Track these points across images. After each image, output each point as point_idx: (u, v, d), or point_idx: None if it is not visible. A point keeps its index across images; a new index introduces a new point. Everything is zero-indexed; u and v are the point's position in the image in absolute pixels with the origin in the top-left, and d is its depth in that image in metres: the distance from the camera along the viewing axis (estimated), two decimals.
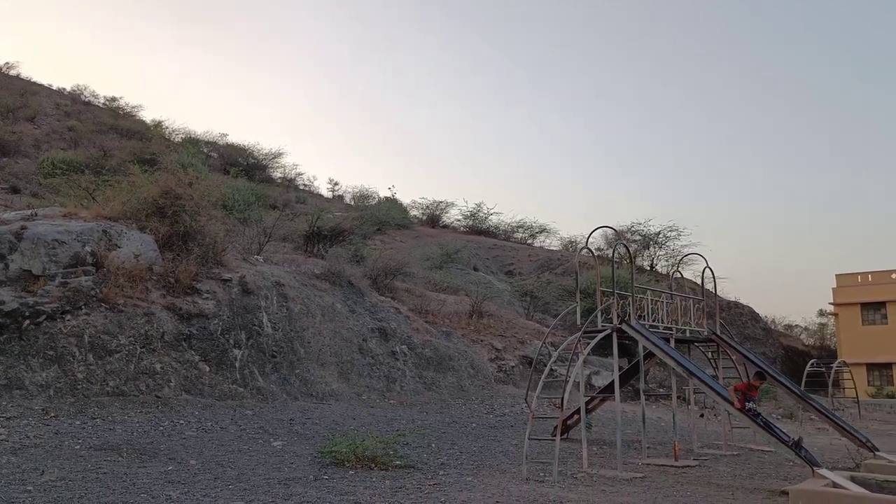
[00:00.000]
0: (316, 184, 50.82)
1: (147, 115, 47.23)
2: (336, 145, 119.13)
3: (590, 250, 16.17)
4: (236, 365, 15.01)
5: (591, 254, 16.52)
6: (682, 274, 19.39)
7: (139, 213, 16.35)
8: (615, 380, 13.57)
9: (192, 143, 41.78)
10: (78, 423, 11.49)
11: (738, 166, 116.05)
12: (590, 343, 13.11)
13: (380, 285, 22.71)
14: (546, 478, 10.73)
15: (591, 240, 15.96)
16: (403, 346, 19.16)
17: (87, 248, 14.26)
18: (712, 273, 17.01)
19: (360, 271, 22.49)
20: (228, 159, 41.31)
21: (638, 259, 43.52)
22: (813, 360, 28.62)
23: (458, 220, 50.17)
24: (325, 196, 48.60)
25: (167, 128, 44.85)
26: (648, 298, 14.31)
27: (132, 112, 46.48)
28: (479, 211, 49.56)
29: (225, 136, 46.62)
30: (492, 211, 50.26)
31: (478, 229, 48.45)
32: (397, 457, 10.98)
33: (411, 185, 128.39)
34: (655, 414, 20.84)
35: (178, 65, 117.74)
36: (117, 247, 14.92)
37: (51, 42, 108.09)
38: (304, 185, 48.72)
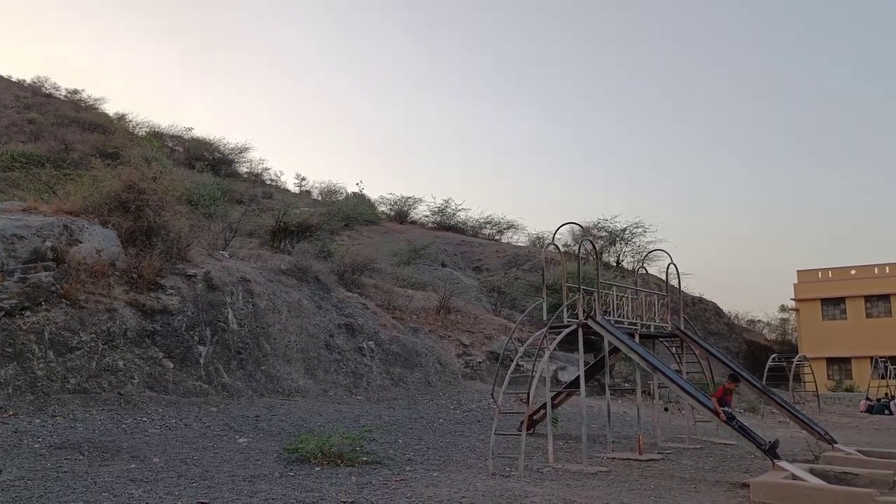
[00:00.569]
0: (283, 179, 50.48)
1: (110, 108, 46.42)
2: (304, 140, 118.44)
3: (556, 246, 16.27)
4: (201, 361, 14.86)
5: (558, 250, 16.64)
6: (648, 270, 19.62)
7: (101, 208, 16.09)
8: (580, 375, 13.68)
9: (156, 136, 41.19)
10: (38, 421, 11.30)
11: (704, 164, 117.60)
12: (556, 338, 13.20)
13: (347, 281, 22.64)
14: (512, 472, 10.79)
15: (558, 236, 16.06)
16: (370, 342, 19.12)
17: (48, 244, 14.01)
18: (676, 269, 17.24)
19: (328, 267, 22.40)
20: (194, 154, 40.83)
21: (605, 255, 43.95)
22: (774, 355, 29.15)
23: (427, 216, 50.21)
24: (292, 191, 48.25)
25: (131, 121, 44.18)
26: (614, 294, 14.45)
27: (94, 105, 45.63)
28: (447, 207, 49.65)
29: (190, 130, 45.98)
30: (460, 207, 50.39)
31: (446, 225, 48.50)
32: (364, 453, 10.96)
33: (380, 180, 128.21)
34: (621, 408, 21.06)
35: (143, 57, 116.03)
36: (79, 242, 14.67)
37: (9, 33, 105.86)
38: (271, 181, 48.33)
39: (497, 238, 49.97)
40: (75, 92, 46.21)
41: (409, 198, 50.37)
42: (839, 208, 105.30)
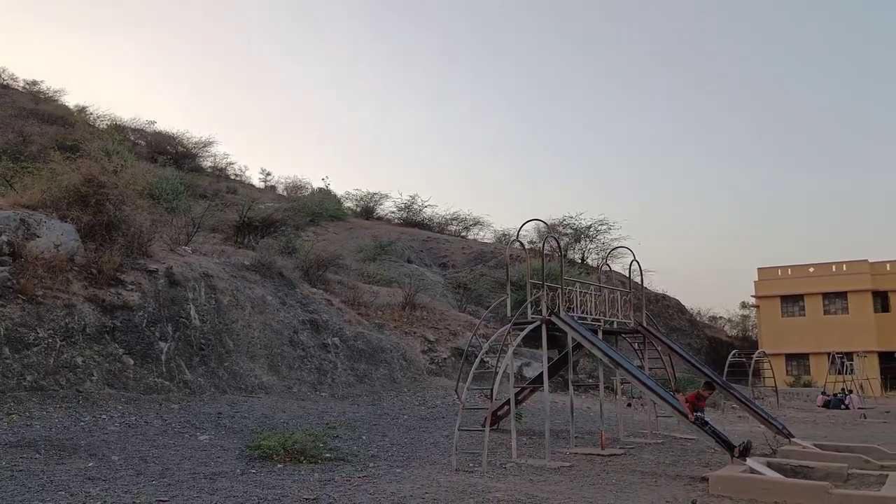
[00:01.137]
0: (248, 174, 49.99)
1: (70, 101, 45.56)
2: (269, 135, 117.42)
3: (521, 243, 16.37)
4: (162, 358, 14.67)
5: (522, 246, 16.73)
6: (611, 267, 19.82)
7: (60, 202, 15.79)
8: (544, 371, 13.77)
9: (117, 129, 40.43)
10: None
11: (669, 163, 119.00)
12: (519, 335, 13.27)
13: (312, 277, 22.52)
14: (475, 468, 10.83)
15: (523, 233, 16.19)
16: (335, 339, 19.04)
17: (4, 238, 13.73)
18: (639, 266, 17.44)
19: (292, 263, 22.26)
20: (156, 147, 40.26)
21: (569, 252, 44.26)
22: (734, 351, 29.62)
23: (393, 213, 50.10)
24: (256, 186, 47.80)
25: (91, 114, 43.28)
26: (577, 290, 14.57)
27: (54, 97, 44.70)
28: (413, 203, 49.60)
29: (153, 123, 45.28)
30: (426, 203, 50.40)
31: (412, 221, 48.46)
32: (327, 449, 10.92)
33: (345, 176, 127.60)
34: (584, 404, 21.25)
35: (104, 49, 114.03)
36: (36, 236, 14.38)
37: None
38: (236, 175, 47.85)
39: (463, 235, 50.05)
40: (34, 83, 45.28)
41: (375, 194, 50.30)
42: (800, 208, 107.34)
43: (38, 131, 33.02)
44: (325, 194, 45.71)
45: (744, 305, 56.71)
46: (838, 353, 36.05)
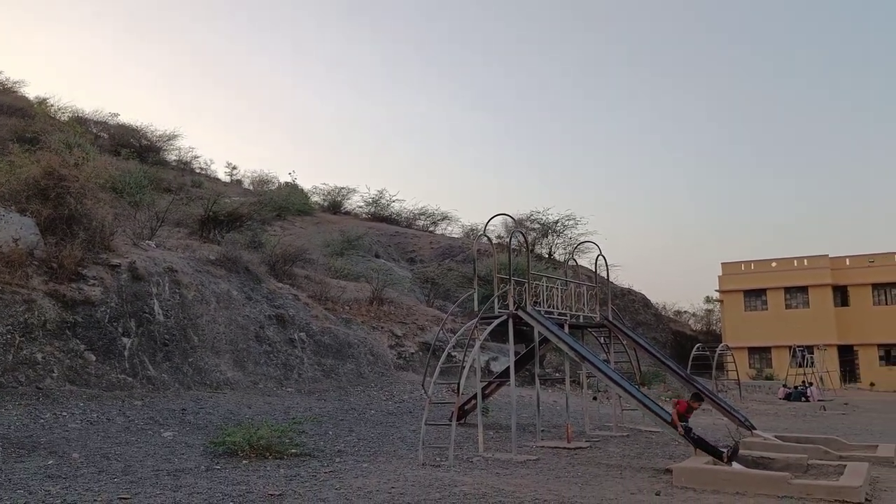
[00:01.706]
0: (213, 167, 49.20)
1: (30, 92, 44.49)
2: (235, 129, 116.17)
3: (488, 238, 16.40)
4: (125, 354, 14.46)
5: (490, 241, 16.76)
6: (577, 261, 19.94)
7: (19, 195, 15.45)
8: (510, 365, 13.83)
9: (79, 122, 39.62)
10: None
11: (635, 159, 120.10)
12: (486, 329, 13.30)
13: (278, 272, 22.34)
14: (442, 462, 10.85)
15: (492, 228, 16.28)
16: (302, 334, 18.92)
17: None
18: (605, 261, 17.57)
19: (258, 257, 22.05)
20: (119, 140, 39.48)
21: (537, 247, 44.47)
22: (698, 345, 30.03)
23: (360, 207, 49.83)
24: (222, 180, 47.15)
25: (52, 105, 42.32)
26: (544, 285, 14.64)
27: (13, 88, 43.56)
28: (381, 198, 49.35)
29: (116, 115, 44.38)
30: (394, 198, 50.17)
31: (380, 216, 48.24)
32: (293, 445, 10.86)
33: (313, 170, 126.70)
34: (551, 398, 21.39)
35: (66, 41, 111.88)
36: None
37: None
38: (201, 169, 47.11)
39: (431, 229, 49.98)
40: None
41: (342, 188, 49.90)
42: (762, 204, 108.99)
43: None
44: (292, 188, 45.26)
45: (708, 300, 57.52)
46: (799, 347, 36.74)
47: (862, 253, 46.12)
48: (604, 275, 17.66)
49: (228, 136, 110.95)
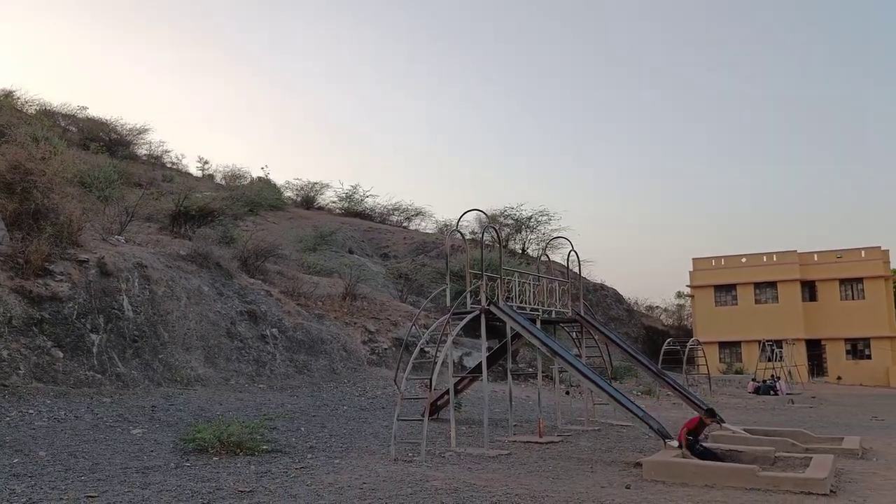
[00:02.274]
0: (184, 162, 48.63)
1: None
2: (207, 123, 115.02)
3: (461, 233, 16.41)
4: (94, 350, 14.27)
5: (462, 237, 16.78)
6: (550, 257, 20.02)
7: None
8: (483, 360, 13.86)
9: (47, 115, 38.97)
10: None
11: (608, 155, 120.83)
12: (458, 324, 13.32)
13: (250, 268, 22.18)
14: (414, 458, 10.85)
15: (466, 224, 16.31)
16: (274, 330, 18.81)
17: None
18: (577, 256, 17.66)
19: (230, 253, 21.88)
20: (88, 134, 38.92)
21: (511, 243, 44.60)
22: (669, 339, 30.26)
23: (334, 202, 49.58)
24: (194, 175, 46.65)
25: (19, 98, 41.60)
26: (516, 280, 14.69)
27: None
28: (354, 193, 49.16)
29: (84, 109, 43.70)
30: (368, 193, 50.00)
31: (353, 212, 48.06)
32: (264, 441, 10.80)
33: (286, 165, 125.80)
34: (524, 393, 21.49)
35: (33, 30, 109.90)
36: None
37: None
38: (172, 163, 46.56)
39: (405, 225, 49.89)
40: None
41: (315, 183, 49.62)
42: (734, 200, 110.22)
43: None
44: (265, 183, 44.91)
45: (679, 295, 58.06)
46: (768, 341, 37.22)
47: (830, 249, 46.83)
48: (576, 270, 17.75)
49: (200, 131, 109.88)
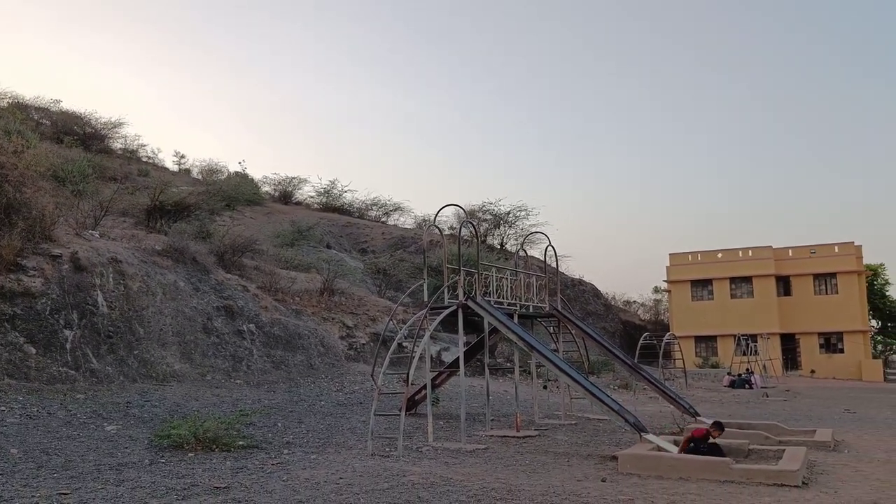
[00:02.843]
0: (160, 156, 48.16)
1: None
2: (184, 117, 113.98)
3: (439, 228, 16.41)
4: (67, 346, 14.11)
5: (440, 232, 16.78)
6: (528, 252, 20.07)
7: None
8: (460, 355, 13.89)
9: (19, 108, 38.41)
10: None
11: (587, 151, 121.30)
12: (436, 319, 13.32)
13: (227, 263, 22.03)
14: (391, 453, 10.85)
15: (445, 219, 16.33)
16: (251, 325, 18.71)
17: None
18: (555, 251, 17.72)
19: (206, 248, 21.70)
20: (62, 128, 38.41)
21: (489, 238, 44.65)
22: (646, 334, 30.46)
23: (312, 197, 49.29)
24: (170, 169, 46.19)
25: None
26: (494, 275, 14.71)
27: None
28: (333, 188, 48.89)
29: (58, 102, 43.08)
30: (346, 188, 49.74)
31: (331, 206, 47.82)
32: (241, 437, 10.75)
33: (263, 160, 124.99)
34: (502, 387, 21.56)
35: (4, 23, 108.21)
36: None
37: None
38: (148, 158, 46.08)
39: (384, 220, 49.76)
40: None
41: (293, 178, 49.23)
42: (711, 196, 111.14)
43: None
44: (242, 178, 44.55)
45: (656, 290, 58.46)
46: (743, 336, 37.59)
47: (804, 244, 47.35)
48: (554, 265, 17.82)
49: (177, 125, 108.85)
